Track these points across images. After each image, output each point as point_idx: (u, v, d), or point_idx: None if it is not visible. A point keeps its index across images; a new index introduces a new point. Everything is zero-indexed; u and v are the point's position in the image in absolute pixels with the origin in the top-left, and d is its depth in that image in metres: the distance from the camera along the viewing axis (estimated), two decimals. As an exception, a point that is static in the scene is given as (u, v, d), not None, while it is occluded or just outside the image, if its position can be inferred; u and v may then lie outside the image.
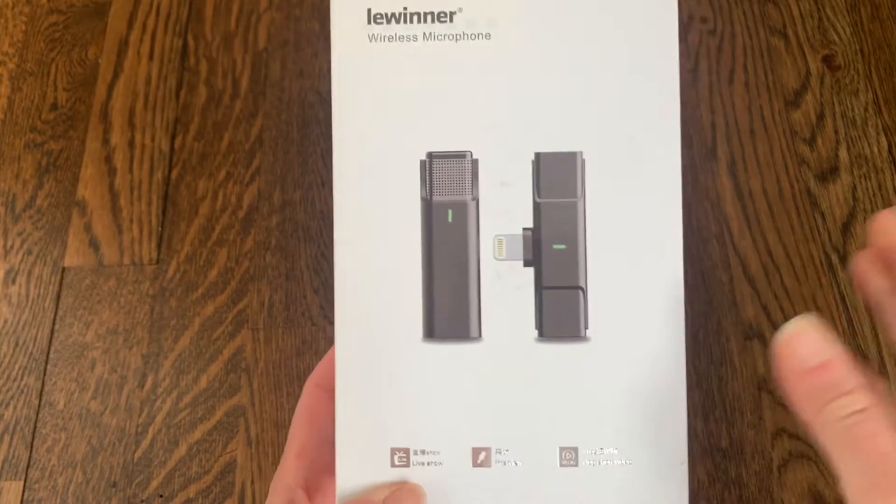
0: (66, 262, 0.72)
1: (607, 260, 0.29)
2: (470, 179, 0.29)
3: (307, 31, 0.81)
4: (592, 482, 0.28)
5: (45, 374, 0.68)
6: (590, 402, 0.29)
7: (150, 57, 0.81)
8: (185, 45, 0.81)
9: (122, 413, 0.66)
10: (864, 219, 0.71)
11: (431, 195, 0.29)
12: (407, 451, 0.29)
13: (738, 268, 0.70)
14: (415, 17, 0.29)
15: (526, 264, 0.29)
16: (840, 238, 0.70)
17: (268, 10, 0.82)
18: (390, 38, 0.29)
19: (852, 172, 0.73)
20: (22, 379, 0.68)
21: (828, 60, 0.78)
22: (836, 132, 0.75)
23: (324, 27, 0.81)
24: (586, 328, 0.29)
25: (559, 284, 0.29)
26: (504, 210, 0.29)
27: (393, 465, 0.29)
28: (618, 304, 0.29)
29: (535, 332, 0.29)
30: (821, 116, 0.75)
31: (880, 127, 0.75)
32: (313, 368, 0.75)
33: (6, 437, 0.66)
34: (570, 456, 0.29)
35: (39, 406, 0.67)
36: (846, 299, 0.68)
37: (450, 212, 0.29)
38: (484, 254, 0.29)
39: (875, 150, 0.74)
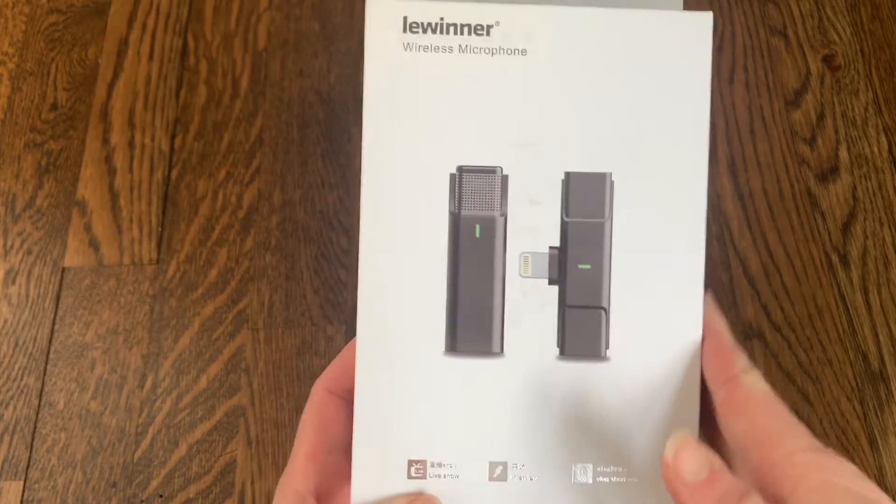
0: (66, 262, 0.72)
1: (630, 281, 0.29)
2: (499, 195, 0.29)
3: (307, 31, 0.81)
4: (605, 499, 0.29)
5: (44, 375, 0.68)
6: (606, 421, 0.29)
7: (150, 57, 0.81)
8: (185, 45, 0.81)
9: (122, 413, 0.66)
10: (865, 219, 0.71)
11: (460, 209, 0.29)
12: (424, 462, 0.29)
13: (738, 268, 0.70)
14: (451, 29, 0.29)
15: (551, 282, 0.29)
16: (840, 238, 0.70)
17: (268, 10, 0.82)
18: (426, 49, 0.29)
19: (852, 172, 0.73)
20: (22, 379, 0.68)
21: (828, 60, 0.78)
22: (836, 132, 0.75)
23: (324, 27, 0.81)
24: (607, 348, 0.29)
25: (583, 304, 0.29)
26: (531, 227, 0.29)
27: (409, 477, 0.29)
28: (639, 326, 0.29)
29: (557, 350, 0.29)
30: (821, 116, 0.75)
31: (880, 127, 0.75)
32: (313, 368, 0.75)
33: (6, 437, 0.66)
34: (583, 472, 0.29)
35: (39, 406, 0.67)
36: (846, 299, 0.68)
37: (477, 227, 0.29)
38: (510, 270, 0.29)
39: (875, 150, 0.74)
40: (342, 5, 0.82)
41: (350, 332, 0.68)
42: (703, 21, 0.29)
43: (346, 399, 0.30)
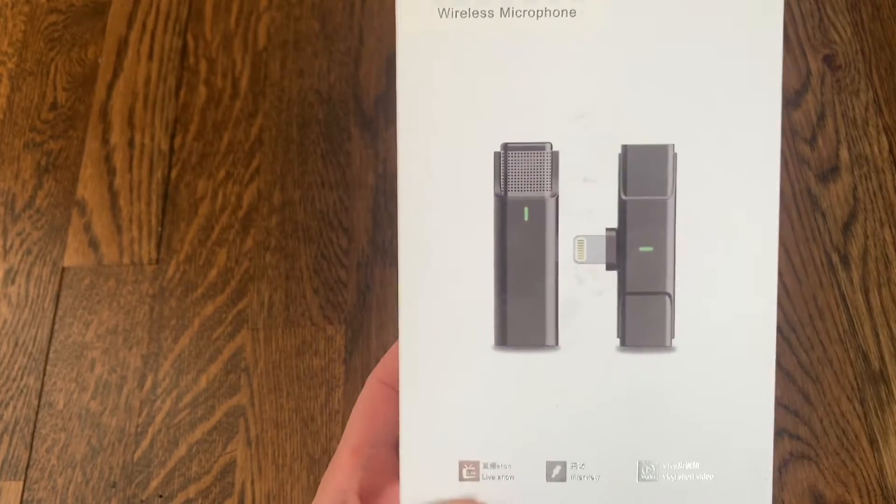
0: (66, 262, 0.72)
1: (696, 264, 0.26)
2: (549, 174, 0.26)
3: (307, 30, 0.81)
4: (672, 498, 0.27)
5: (44, 375, 0.68)
6: (672, 414, 0.27)
7: (150, 56, 0.80)
8: (184, 44, 0.81)
9: (122, 413, 0.66)
10: (865, 219, 0.71)
11: (506, 191, 0.26)
12: (476, 464, 0.27)
13: (738, 268, 0.70)
14: None
15: (608, 268, 0.27)
16: (840, 238, 0.70)
17: (268, 9, 0.82)
18: (463, 14, 0.26)
19: (853, 172, 0.73)
20: (21, 379, 0.68)
21: (828, 60, 0.78)
22: (836, 132, 0.75)
23: (324, 27, 0.81)
24: (672, 337, 0.27)
25: (644, 290, 0.27)
26: (586, 208, 0.26)
27: (461, 479, 0.27)
28: (706, 312, 0.26)
29: (617, 341, 0.27)
30: (821, 116, 0.75)
31: (881, 127, 0.75)
32: (313, 368, 0.75)
33: (6, 438, 0.66)
34: (649, 470, 0.27)
35: (39, 406, 0.67)
36: (846, 299, 0.68)
37: (526, 209, 0.26)
38: (563, 256, 0.26)
39: (875, 150, 0.74)
40: (342, 5, 0.82)
41: (350, 331, 0.68)
42: None
43: (399, 391, 0.28)
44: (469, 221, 0.26)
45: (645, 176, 0.26)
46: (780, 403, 0.65)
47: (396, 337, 0.28)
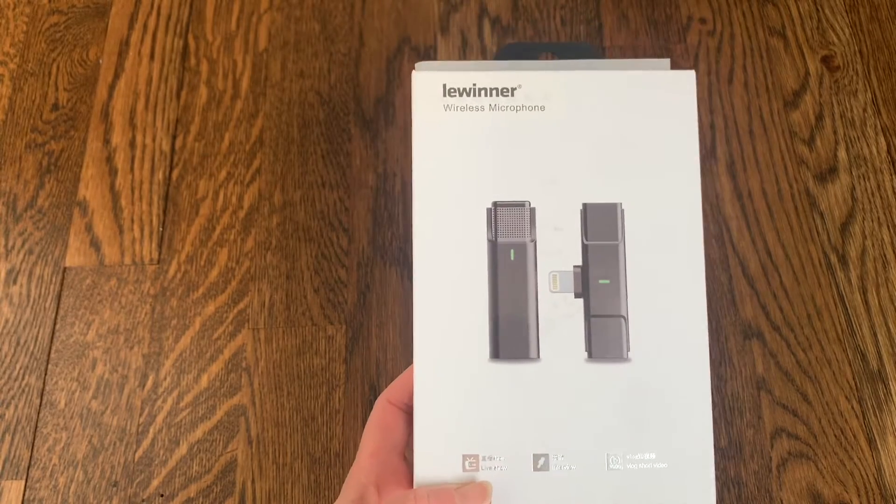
0: (67, 262, 0.72)
1: (643, 292, 0.34)
2: (528, 224, 0.34)
3: (307, 31, 0.81)
4: (635, 483, 0.33)
5: (46, 374, 0.68)
6: (631, 413, 0.33)
7: (151, 57, 0.81)
8: (185, 45, 0.81)
9: (123, 412, 0.67)
10: (863, 219, 0.72)
11: (496, 237, 0.34)
12: (476, 457, 0.33)
13: (737, 268, 0.70)
14: (482, 92, 0.35)
15: (576, 296, 0.34)
16: (839, 238, 0.71)
17: (268, 10, 0.82)
18: (462, 109, 0.35)
19: (851, 173, 0.73)
20: (23, 378, 0.68)
21: (827, 61, 0.78)
22: (834, 133, 0.75)
23: (324, 27, 0.81)
24: (628, 350, 0.34)
25: (605, 313, 0.34)
26: (557, 250, 0.34)
27: (464, 470, 0.33)
28: (654, 331, 0.34)
29: (585, 354, 0.34)
30: (820, 117, 0.76)
31: (879, 127, 0.75)
32: (313, 368, 0.76)
33: (7, 437, 0.66)
34: (615, 460, 0.33)
35: (40, 405, 0.67)
36: (845, 299, 0.68)
37: (512, 251, 0.34)
38: (541, 287, 0.34)
39: (874, 150, 0.74)
40: (342, 6, 0.82)
41: (350, 331, 0.69)
42: (687, 77, 0.35)
43: (404, 410, 0.35)
44: (467, 262, 0.34)
45: (601, 226, 0.34)
46: (778, 403, 0.65)
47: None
